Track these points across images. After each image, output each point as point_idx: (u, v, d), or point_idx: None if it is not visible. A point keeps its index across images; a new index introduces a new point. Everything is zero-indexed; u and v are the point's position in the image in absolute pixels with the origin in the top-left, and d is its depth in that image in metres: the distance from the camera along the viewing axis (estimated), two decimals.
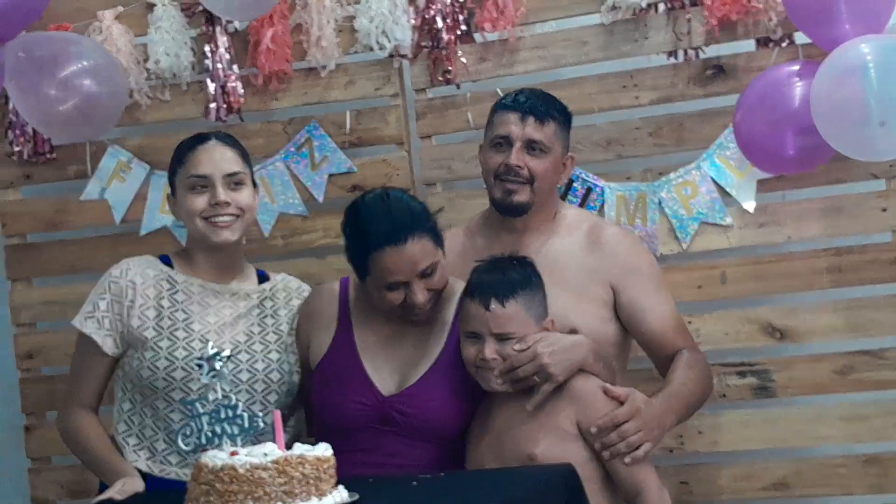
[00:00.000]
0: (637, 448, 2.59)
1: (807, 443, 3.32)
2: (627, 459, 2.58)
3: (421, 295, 2.69)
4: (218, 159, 2.86)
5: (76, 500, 3.68)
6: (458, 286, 2.80)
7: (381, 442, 2.70)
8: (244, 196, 2.87)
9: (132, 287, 2.85)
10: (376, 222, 2.70)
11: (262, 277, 3.02)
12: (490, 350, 2.62)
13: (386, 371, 2.77)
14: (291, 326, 2.95)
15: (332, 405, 2.75)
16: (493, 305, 2.62)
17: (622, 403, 2.60)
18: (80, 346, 2.88)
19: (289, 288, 3.02)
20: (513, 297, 2.64)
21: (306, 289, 3.03)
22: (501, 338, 2.62)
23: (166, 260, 2.95)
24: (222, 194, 2.83)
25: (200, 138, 2.92)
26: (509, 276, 2.68)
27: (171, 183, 2.94)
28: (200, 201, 2.84)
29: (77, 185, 3.75)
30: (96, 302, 2.85)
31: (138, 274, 2.87)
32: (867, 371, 3.26)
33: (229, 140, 2.93)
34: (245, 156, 2.93)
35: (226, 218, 2.84)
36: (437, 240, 2.74)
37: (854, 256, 3.28)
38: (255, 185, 2.96)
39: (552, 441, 2.59)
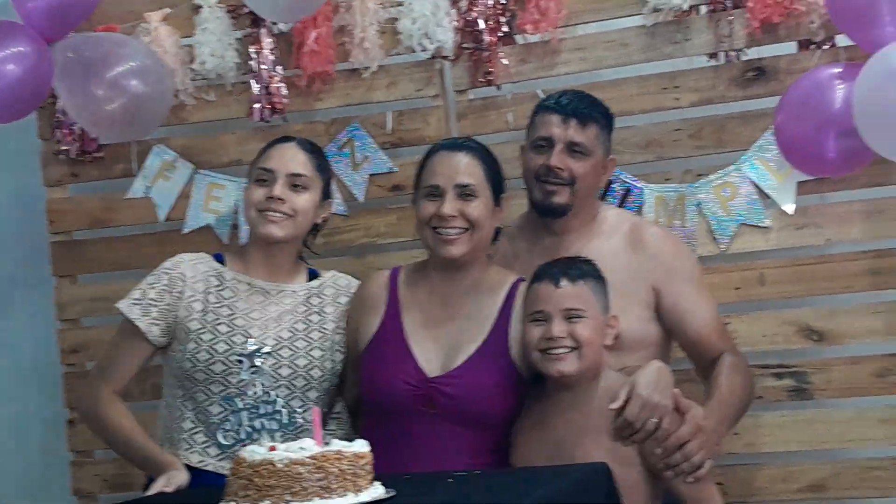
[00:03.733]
0: (700, 466, 2.59)
1: (844, 445, 3.31)
2: (691, 479, 2.58)
3: (449, 206, 2.77)
4: (287, 158, 2.93)
5: (118, 493, 3.72)
6: (509, 278, 2.87)
7: (425, 425, 2.73)
8: (301, 199, 2.91)
9: (182, 279, 2.90)
10: (447, 140, 2.96)
11: (313, 275, 3.06)
12: (559, 328, 2.64)
13: (432, 353, 2.81)
14: (338, 324, 2.98)
15: (378, 385, 2.80)
16: (564, 282, 2.67)
17: (682, 415, 2.60)
18: (122, 330, 2.93)
19: (337, 284, 3.05)
20: (582, 279, 2.69)
21: (355, 284, 3.06)
22: (570, 316, 2.65)
23: (219, 258, 3.00)
24: (279, 190, 2.88)
25: (284, 139, 3.01)
26: (578, 264, 2.74)
27: (249, 175, 3.00)
28: (260, 193, 2.90)
29: (123, 184, 3.80)
30: (146, 290, 2.90)
31: (189, 268, 2.93)
32: None
33: (309, 147, 2.99)
34: (321, 166, 2.99)
35: (277, 214, 2.89)
36: (493, 185, 2.85)
37: (894, 259, 3.26)
38: (326, 196, 3.01)
39: (606, 452, 2.59)
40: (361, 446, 2.21)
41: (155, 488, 2.70)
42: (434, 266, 2.90)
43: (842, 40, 3.27)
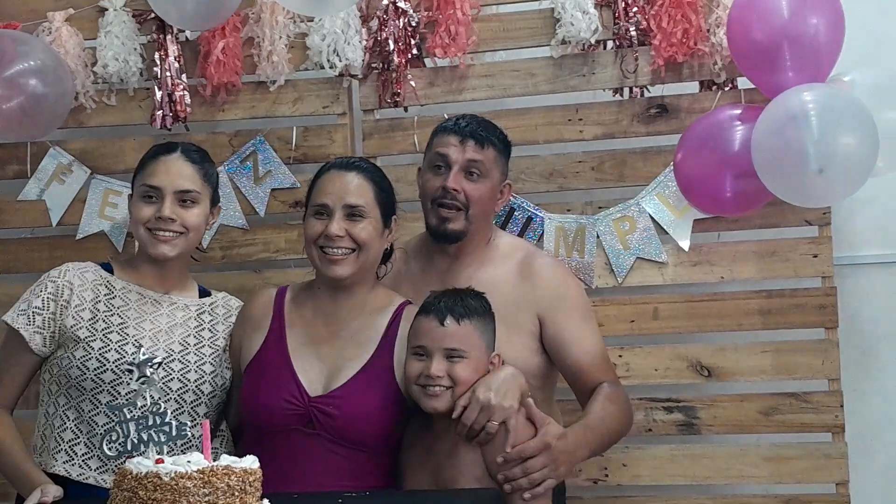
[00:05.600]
0: (539, 484, 2.56)
1: (728, 480, 3.36)
2: (527, 496, 2.55)
3: (337, 226, 2.76)
4: (174, 174, 2.86)
5: None
6: (395, 300, 2.86)
7: (306, 445, 2.70)
8: (192, 215, 2.87)
9: (69, 287, 2.84)
10: (339, 159, 2.93)
11: (203, 293, 3.02)
12: (438, 367, 2.62)
13: (314, 372, 2.78)
14: (227, 343, 2.94)
15: (260, 403, 2.76)
16: (448, 322, 2.64)
17: (536, 430, 2.59)
18: (7, 343, 2.87)
19: (229, 305, 3.02)
20: (468, 318, 2.67)
21: None
22: (451, 356, 2.63)
23: (108, 268, 2.95)
24: (168, 209, 2.83)
25: (166, 148, 2.93)
26: (466, 300, 2.71)
27: (132, 185, 2.93)
28: (147, 211, 2.85)
29: (16, 185, 3.71)
30: (30, 299, 2.84)
31: (77, 276, 2.87)
32: (791, 413, 3.31)
33: (195, 156, 2.92)
34: (208, 174, 2.93)
35: (167, 233, 2.85)
36: (383, 207, 2.83)
37: (784, 300, 3.34)
38: (215, 203, 2.96)
39: (470, 477, 2.60)
40: (251, 462, 2.18)
41: (30, 501, 2.61)
42: (320, 285, 2.88)
43: (743, 83, 3.34)
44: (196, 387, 2.85)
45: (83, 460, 2.78)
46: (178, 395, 2.82)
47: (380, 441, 2.74)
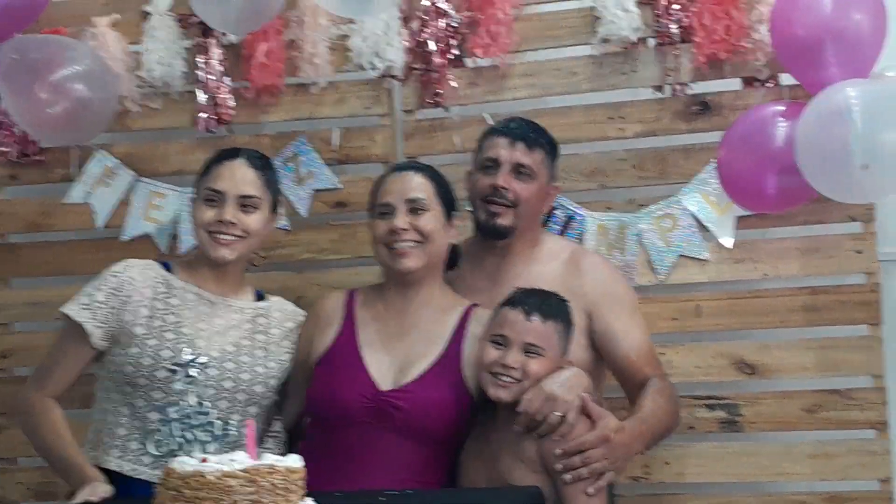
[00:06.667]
0: (599, 476, 2.59)
1: (772, 478, 3.34)
2: (591, 490, 2.58)
3: (401, 220, 2.83)
4: (238, 179, 2.91)
5: (41, 502, 3.67)
6: (463, 302, 2.93)
7: (374, 440, 2.74)
8: (253, 220, 2.91)
9: (130, 283, 2.88)
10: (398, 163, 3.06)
11: (259, 296, 3.05)
12: (515, 359, 2.66)
13: (385, 367, 2.82)
14: (282, 346, 2.97)
15: (330, 397, 2.80)
16: (535, 317, 2.70)
17: (594, 423, 2.61)
18: (65, 334, 2.90)
19: (284, 310, 3.05)
20: (553, 319, 2.72)
21: (302, 313, 3.06)
22: (529, 350, 2.67)
23: (167, 266, 2.99)
24: (230, 213, 2.87)
25: (231, 153, 2.97)
26: (555, 302, 2.77)
27: (196, 188, 2.97)
28: (209, 214, 2.89)
29: (62, 188, 3.74)
30: (92, 293, 2.87)
31: (138, 272, 2.91)
32: (835, 410, 3.28)
33: (258, 162, 2.96)
34: (270, 181, 2.97)
35: (228, 237, 2.88)
36: (444, 201, 2.91)
37: (828, 296, 3.31)
38: (275, 209, 3.00)
39: (524, 470, 2.61)
40: (294, 461, 2.20)
41: (79, 497, 2.66)
42: (390, 284, 2.93)
43: (786, 79, 3.32)
44: (249, 387, 2.88)
45: (136, 456, 2.81)
46: (231, 395, 2.85)
47: (447, 436, 2.77)
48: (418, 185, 2.89)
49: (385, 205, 2.88)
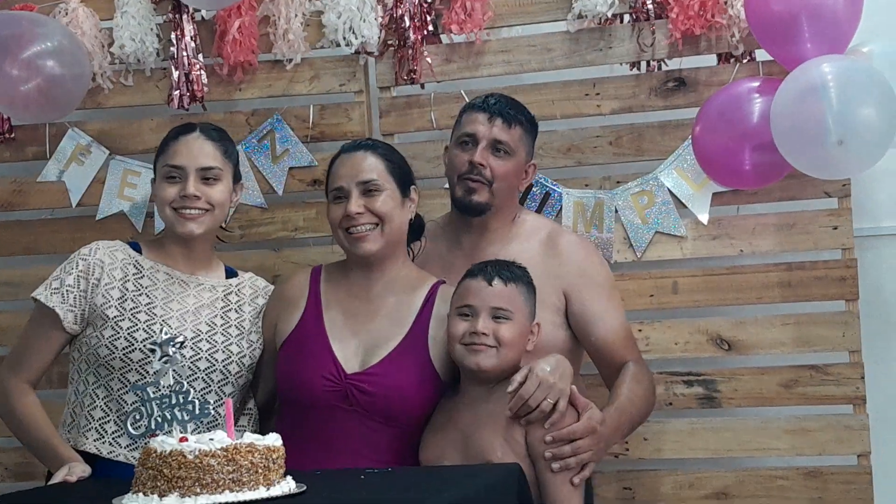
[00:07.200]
0: (584, 466, 2.60)
1: (749, 453, 3.37)
2: (577, 480, 2.58)
3: (355, 204, 2.79)
4: (195, 152, 2.89)
5: (19, 482, 3.65)
6: (428, 280, 2.90)
7: (341, 421, 2.73)
8: (216, 192, 2.89)
9: (100, 265, 2.86)
10: (346, 143, 2.97)
11: (230, 273, 3.04)
12: (484, 325, 2.65)
13: (351, 349, 2.80)
14: (254, 323, 2.96)
15: (297, 380, 2.79)
16: (496, 282, 2.70)
17: (579, 413, 2.61)
18: (37, 319, 2.88)
19: (255, 286, 3.04)
20: (514, 282, 2.72)
21: (272, 288, 3.06)
22: (497, 315, 2.67)
23: (136, 247, 2.97)
24: (192, 187, 2.86)
25: (185, 128, 2.95)
26: (512, 267, 2.77)
27: (154, 168, 2.96)
28: (172, 191, 2.87)
29: (35, 167, 3.72)
30: (62, 277, 2.85)
31: (107, 255, 2.89)
32: (812, 386, 3.31)
33: (215, 134, 2.95)
34: (228, 152, 2.96)
35: (193, 211, 2.87)
36: (398, 178, 2.86)
37: (804, 272, 3.33)
38: (237, 180, 2.99)
39: (507, 452, 2.61)
40: (274, 440, 2.20)
41: (57, 478, 2.66)
42: (352, 265, 2.91)
43: (761, 55, 3.33)
44: (223, 367, 2.87)
45: (113, 438, 2.81)
46: (206, 375, 2.84)
47: (414, 417, 2.76)
48: (370, 166, 2.85)
49: (338, 189, 2.85)
